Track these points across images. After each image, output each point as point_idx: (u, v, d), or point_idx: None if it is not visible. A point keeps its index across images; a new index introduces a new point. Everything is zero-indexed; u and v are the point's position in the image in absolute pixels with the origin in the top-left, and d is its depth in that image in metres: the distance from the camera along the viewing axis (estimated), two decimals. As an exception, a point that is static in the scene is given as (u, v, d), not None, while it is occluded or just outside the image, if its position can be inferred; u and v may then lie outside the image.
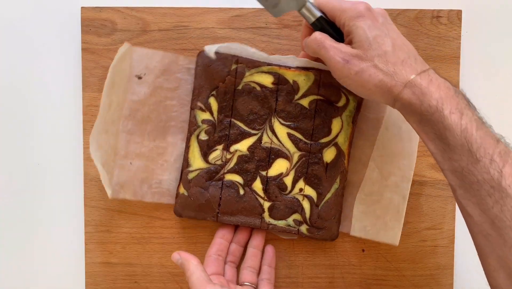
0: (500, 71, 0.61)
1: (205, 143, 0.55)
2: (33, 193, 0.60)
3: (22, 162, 0.60)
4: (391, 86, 0.44)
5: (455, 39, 0.59)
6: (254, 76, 0.54)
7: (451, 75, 0.59)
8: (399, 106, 0.45)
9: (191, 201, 0.55)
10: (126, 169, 0.55)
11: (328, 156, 0.55)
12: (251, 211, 0.55)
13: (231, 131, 0.55)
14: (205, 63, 0.55)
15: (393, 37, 0.46)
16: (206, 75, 0.55)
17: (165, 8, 0.58)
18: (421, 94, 0.43)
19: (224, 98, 0.55)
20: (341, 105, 0.55)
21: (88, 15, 0.58)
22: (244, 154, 0.55)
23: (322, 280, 0.59)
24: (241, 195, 0.55)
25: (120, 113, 0.55)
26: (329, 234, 0.56)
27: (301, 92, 0.54)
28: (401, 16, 0.58)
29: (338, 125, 0.55)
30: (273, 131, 0.55)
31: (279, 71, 0.54)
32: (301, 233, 0.56)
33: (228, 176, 0.55)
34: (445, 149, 0.43)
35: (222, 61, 0.54)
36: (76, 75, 0.59)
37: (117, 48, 0.57)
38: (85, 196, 0.59)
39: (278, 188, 0.55)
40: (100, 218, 0.59)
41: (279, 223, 0.56)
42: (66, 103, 0.60)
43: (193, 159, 0.55)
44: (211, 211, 0.55)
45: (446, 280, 0.59)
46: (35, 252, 0.61)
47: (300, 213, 0.55)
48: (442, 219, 0.59)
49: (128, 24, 0.58)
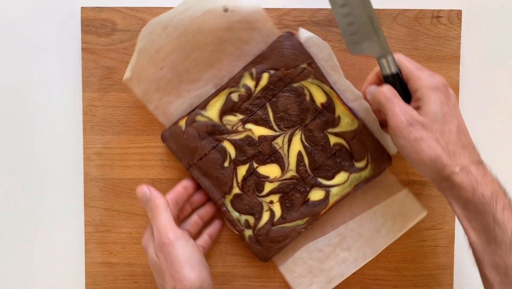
0: (500, 71, 0.61)
1: (230, 103, 0.55)
2: (33, 193, 0.60)
3: (22, 162, 0.60)
4: (447, 164, 0.44)
5: (455, 39, 0.59)
6: (312, 86, 0.55)
7: (451, 75, 0.59)
8: (446, 186, 0.46)
9: (182, 138, 0.55)
10: (154, 69, 0.55)
11: (314, 196, 0.56)
12: (220, 185, 0.55)
13: (259, 112, 0.55)
14: (284, 44, 0.55)
15: (459, 120, 0.47)
16: (277, 53, 0.55)
17: (165, 8, 0.58)
18: (476, 182, 0.44)
19: (275, 82, 0.55)
20: (358, 166, 0.55)
21: (88, 15, 0.58)
22: (253, 138, 0.55)
23: (322, 280, 0.59)
24: (224, 166, 0.55)
25: (183, 23, 0.54)
26: (263, 254, 0.56)
27: (337, 129, 0.55)
28: (401, 16, 0.58)
29: (342, 179, 0.56)
30: (290, 140, 0.55)
31: (335, 99, 0.55)
32: (242, 235, 0.56)
33: (226, 143, 0.55)
34: (489, 242, 0.43)
35: (298, 52, 0.55)
36: (76, 75, 0.59)
37: (117, 48, 0.57)
38: (85, 196, 0.59)
39: (255, 186, 0.55)
40: (100, 218, 0.59)
41: (233, 213, 0.56)
42: (66, 103, 0.60)
43: (212, 107, 0.55)
44: (189, 159, 0.55)
45: (446, 280, 0.59)
46: (35, 252, 0.61)
47: (255, 218, 0.55)
48: (442, 219, 0.59)
49: (128, 24, 0.58)
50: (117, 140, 0.58)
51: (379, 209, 0.57)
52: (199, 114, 0.55)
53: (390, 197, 0.58)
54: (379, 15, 0.58)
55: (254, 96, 0.55)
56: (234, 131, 0.55)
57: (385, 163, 0.56)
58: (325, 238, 0.57)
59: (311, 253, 0.57)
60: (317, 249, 0.57)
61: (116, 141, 0.58)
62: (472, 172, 0.44)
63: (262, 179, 0.56)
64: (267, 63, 0.55)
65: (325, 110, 0.55)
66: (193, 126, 0.55)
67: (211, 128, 0.55)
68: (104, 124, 0.58)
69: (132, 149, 0.58)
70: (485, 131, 0.61)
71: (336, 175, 0.56)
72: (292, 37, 0.55)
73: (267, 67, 0.55)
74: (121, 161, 0.59)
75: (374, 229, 0.57)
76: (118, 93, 0.58)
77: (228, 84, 0.56)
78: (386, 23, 0.58)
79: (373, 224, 0.57)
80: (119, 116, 0.58)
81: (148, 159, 0.59)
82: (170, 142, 0.56)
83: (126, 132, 0.58)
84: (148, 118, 0.58)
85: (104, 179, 0.59)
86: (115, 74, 0.58)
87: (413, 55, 0.58)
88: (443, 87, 0.47)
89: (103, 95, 0.58)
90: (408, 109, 0.47)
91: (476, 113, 0.61)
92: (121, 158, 0.58)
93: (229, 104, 0.55)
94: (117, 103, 0.58)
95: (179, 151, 0.56)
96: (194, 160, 0.55)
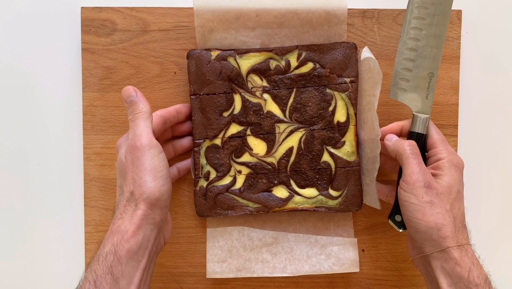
0: (500, 71, 0.61)
1: (264, 67, 0.56)
2: (33, 193, 0.60)
3: (22, 162, 0.60)
4: (450, 236, 0.45)
5: (455, 39, 0.59)
6: (341, 101, 0.56)
7: (451, 75, 0.59)
8: (439, 257, 0.46)
9: (205, 66, 0.55)
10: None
11: (277, 191, 0.56)
12: (207, 127, 0.56)
13: (283, 91, 0.56)
14: (344, 51, 0.55)
15: (463, 203, 0.49)
16: (332, 54, 0.56)
17: (165, 8, 0.58)
18: (472, 263, 0.45)
19: (314, 76, 0.56)
20: (330, 193, 0.56)
21: (88, 15, 0.58)
22: (263, 108, 0.56)
23: (322, 280, 0.59)
24: (222, 114, 0.56)
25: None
26: (202, 209, 0.57)
27: (335, 151, 0.56)
28: (401, 16, 0.58)
29: (310, 194, 0.57)
30: (291, 133, 0.56)
31: (351, 126, 0.56)
32: (196, 181, 0.57)
33: (237, 97, 0.56)
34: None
35: (349, 65, 0.56)
36: (76, 75, 0.59)
37: (117, 48, 0.57)
38: (85, 196, 0.59)
39: (236, 149, 0.56)
40: (100, 218, 0.59)
41: (202, 158, 0.56)
42: (66, 103, 0.60)
43: (247, 59, 0.55)
44: (198, 87, 0.56)
45: (446, 280, 0.59)
46: (35, 252, 0.61)
47: (217, 175, 0.56)
48: (442, 219, 0.59)
49: (128, 24, 0.58)
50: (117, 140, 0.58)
51: (322, 240, 0.58)
52: (232, 57, 0.56)
53: (338, 237, 0.58)
54: (379, 15, 0.58)
55: (288, 76, 0.56)
56: (251, 92, 0.56)
57: (355, 206, 0.57)
58: (261, 232, 0.58)
59: (242, 236, 0.57)
60: (249, 236, 0.58)
61: (116, 141, 0.58)
62: (469, 252, 0.45)
63: (246, 147, 0.56)
64: (319, 56, 0.56)
65: (337, 128, 0.56)
66: (221, 63, 0.55)
67: (234, 76, 0.56)
68: (104, 124, 0.58)
69: (132, 149, 0.58)
70: (484, 131, 0.61)
71: (308, 187, 0.56)
72: (353, 49, 0.56)
73: (316, 59, 0.56)
74: (121, 161, 0.58)
75: (306, 253, 0.57)
76: (118, 93, 0.58)
77: (275, 50, 0.56)
78: (386, 23, 0.58)
79: (309, 249, 0.58)
80: (119, 116, 0.58)
81: (148, 159, 0.58)
82: (192, 62, 0.56)
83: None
84: (148, 118, 0.58)
85: (104, 179, 0.59)
86: (115, 74, 0.58)
87: (413, 55, 0.58)
88: (462, 168, 0.50)
89: (103, 95, 0.58)
90: (428, 172, 0.48)
91: (475, 113, 0.61)
92: (121, 158, 0.58)
93: (263, 67, 0.56)
94: (117, 103, 0.58)
95: (194, 75, 0.56)
96: (201, 91, 0.56)
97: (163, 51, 0.58)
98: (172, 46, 0.58)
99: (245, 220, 0.58)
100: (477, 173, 0.61)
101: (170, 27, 0.58)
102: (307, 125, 0.56)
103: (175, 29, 0.58)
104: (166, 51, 0.58)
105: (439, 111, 0.59)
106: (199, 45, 0.56)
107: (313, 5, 0.55)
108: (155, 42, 0.58)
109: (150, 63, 0.58)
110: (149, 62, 0.58)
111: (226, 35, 0.56)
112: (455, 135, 0.59)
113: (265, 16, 0.55)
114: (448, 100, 0.59)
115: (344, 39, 0.56)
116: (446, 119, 0.59)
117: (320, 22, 0.55)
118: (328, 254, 0.57)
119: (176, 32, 0.58)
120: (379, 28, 0.58)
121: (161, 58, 0.58)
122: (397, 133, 0.54)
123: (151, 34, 0.58)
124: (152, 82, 0.58)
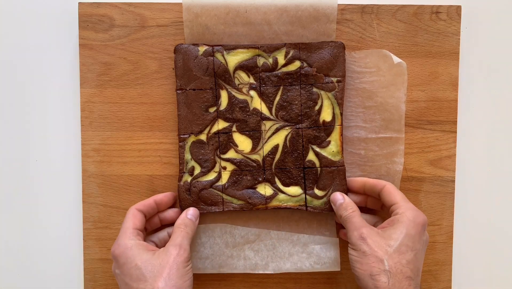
0: (499, 67, 0.61)
1: (252, 64, 0.56)
2: (32, 190, 0.60)
3: (20, 159, 0.60)
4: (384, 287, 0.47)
5: (454, 35, 0.58)
6: (327, 101, 0.56)
7: (450, 71, 0.59)
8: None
9: (192, 60, 0.55)
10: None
11: (262, 189, 0.56)
12: (192, 123, 0.56)
13: (269, 88, 0.56)
14: (331, 50, 0.55)
15: (417, 257, 0.49)
16: (320, 53, 0.55)
17: (163, 3, 0.58)
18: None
19: (301, 74, 0.56)
20: (316, 193, 0.56)
21: (85, 11, 0.57)
22: (249, 105, 0.56)
23: (321, 275, 0.59)
24: (208, 110, 0.56)
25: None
26: (186, 203, 0.56)
27: (320, 150, 0.56)
28: (400, 12, 0.58)
29: (294, 192, 0.56)
30: (277, 130, 0.56)
31: (337, 125, 0.56)
32: (180, 176, 0.57)
33: (223, 93, 0.56)
34: None
35: (337, 64, 0.56)
36: (74, 71, 0.59)
37: (115, 44, 0.57)
38: (84, 193, 0.59)
39: (221, 145, 0.56)
40: (98, 215, 0.59)
41: (186, 153, 0.56)
42: (63, 100, 0.60)
43: (234, 55, 0.55)
44: (184, 82, 0.56)
45: (444, 276, 0.60)
46: (33, 249, 0.61)
47: (202, 170, 0.56)
48: (440, 215, 0.59)
49: (126, 20, 0.57)
50: (115, 136, 0.58)
51: (304, 239, 0.58)
52: (220, 53, 0.56)
53: (320, 235, 0.58)
54: (379, 10, 0.58)
55: (275, 73, 0.56)
56: (238, 88, 0.56)
57: None
58: (244, 230, 0.58)
59: (224, 233, 0.58)
60: (231, 234, 0.58)
61: (114, 137, 0.58)
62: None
63: (231, 144, 0.56)
64: (306, 55, 0.55)
65: (323, 128, 0.56)
66: (208, 58, 0.55)
67: (221, 72, 0.56)
68: (102, 120, 0.58)
69: (130, 145, 0.58)
70: (484, 128, 0.61)
71: (292, 186, 0.56)
72: (341, 49, 0.56)
73: (303, 58, 0.55)
74: (119, 157, 0.58)
75: (288, 251, 0.58)
76: (116, 89, 0.58)
77: (263, 47, 0.56)
78: (385, 19, 0.58)
79: (290, 247, 0.58)
80: (117, 112, 0.58)
81: (146, 155, 0.58)
82: (179, 56, 0.56)
83: (124, 129, 0.58)
84: (146, 114, 0.58)
85: (102, 175, 0.58)
86: (113, 70, 0.58)
87: (412, 51, 0.58)
88: (421, 226, 0.50)
89: (101, 91, 0.58)
90: (364, 225, 0.50)
91: (475, 110, 0.61)
92: (119, 154, 0.58)
93: (250, 64, 0.56)
94: (115, 99, 0.58)
95: (181, 69, 0.56)
96: (188, 86, 0.56)
97: (161, 47, 0.58)
98: (170, 42, 0.58)
99: (228, 217, 0.58)
100: (475, 170, 0.61)
101: (168, 23, 0.58)
102: (293, 123, 0.56)
103: (173, 24, 0.58)
104: (164, 47, 0.58)
105: (438, 107, 0.59)
106: (187, 39, 0.56)
107: (303, 3, 0.55)
108: (153, 38, 0.58)
109: (148, 59, 0.58)
110: (147, 58, 0.58)
111: (214, 30, 0.56)
112: (454, 131, 0.59)
113: (254, 12, 0.55)
114: (447, 97, 0.59)
115: (332, 39, 0.56)
116: (445, 115, 0.59)
117: (309, 20, 0.55)
118: (310, 253, 0.58)
119: (174, 28, 0.58)
120: (378, 24, 0.58)
121: (159, 54, 0.58)
122: (359, 190, 0.56)
123: (149, 30, 0.58)
124: (150, 78, 0.58)
